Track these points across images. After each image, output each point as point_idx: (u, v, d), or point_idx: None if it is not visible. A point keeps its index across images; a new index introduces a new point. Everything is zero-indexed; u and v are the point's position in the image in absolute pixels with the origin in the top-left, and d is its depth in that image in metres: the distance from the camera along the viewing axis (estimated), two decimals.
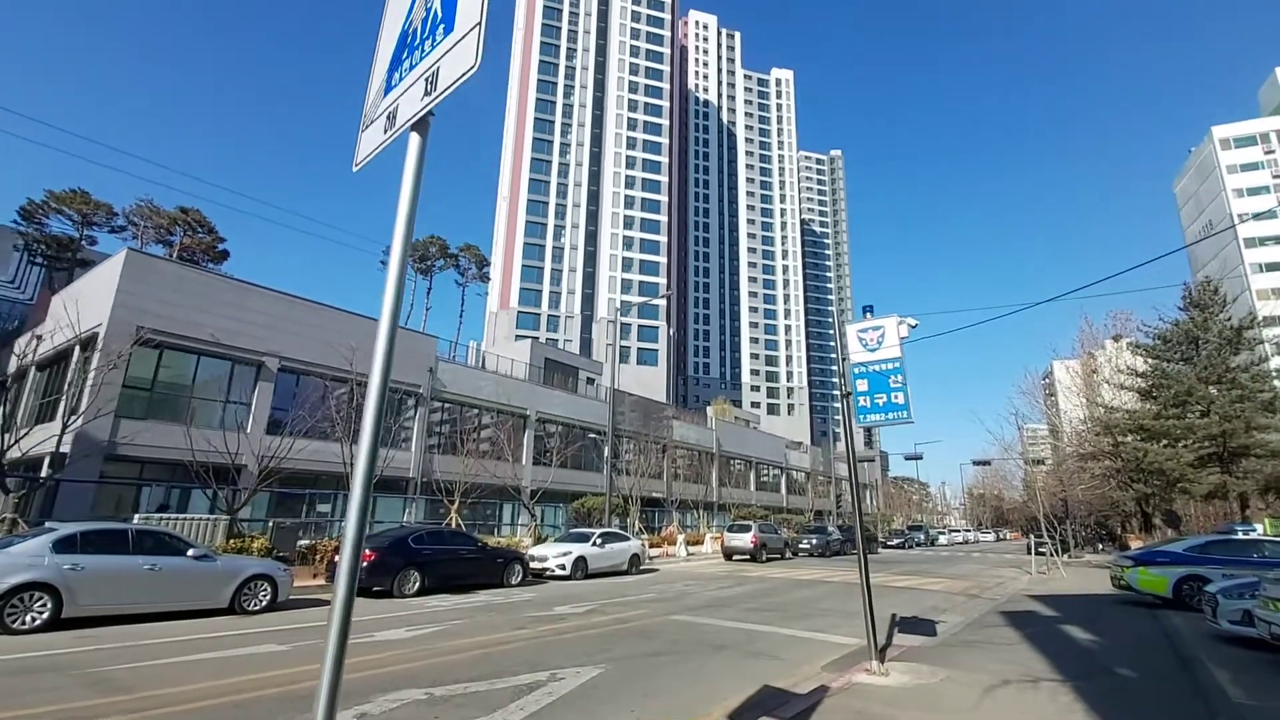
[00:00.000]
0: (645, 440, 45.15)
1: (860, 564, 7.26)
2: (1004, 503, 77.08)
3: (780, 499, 63.61)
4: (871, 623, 6.99)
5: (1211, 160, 66.06)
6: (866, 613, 7.08)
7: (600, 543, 19.20)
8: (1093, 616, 12.21)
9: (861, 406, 7.34)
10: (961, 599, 15.70)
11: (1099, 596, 15.66)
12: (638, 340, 78.03)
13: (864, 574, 7.18)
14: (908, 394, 7.07)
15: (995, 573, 24.27)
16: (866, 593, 7.22)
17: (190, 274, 26.70)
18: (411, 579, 13.53)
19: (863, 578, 7.20)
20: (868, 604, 7.19)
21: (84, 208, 49.29)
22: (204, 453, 17.93)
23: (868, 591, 7.26)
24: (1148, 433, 21.51)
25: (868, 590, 7.26)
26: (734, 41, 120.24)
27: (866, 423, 7.30)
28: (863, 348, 7.43)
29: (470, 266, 62.58)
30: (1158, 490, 22.35)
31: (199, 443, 17.84)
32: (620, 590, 15.63)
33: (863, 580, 7.20)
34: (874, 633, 6.89)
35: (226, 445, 18.04)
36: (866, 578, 7.22)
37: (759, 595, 15.22)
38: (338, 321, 28.65)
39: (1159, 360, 22.45)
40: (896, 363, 7.21)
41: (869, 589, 7.29)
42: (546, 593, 14.88)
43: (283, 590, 11.31)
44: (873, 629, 6.89)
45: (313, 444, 27.97)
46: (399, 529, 15.94)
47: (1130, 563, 13.19)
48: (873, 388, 7.30)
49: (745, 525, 27.73)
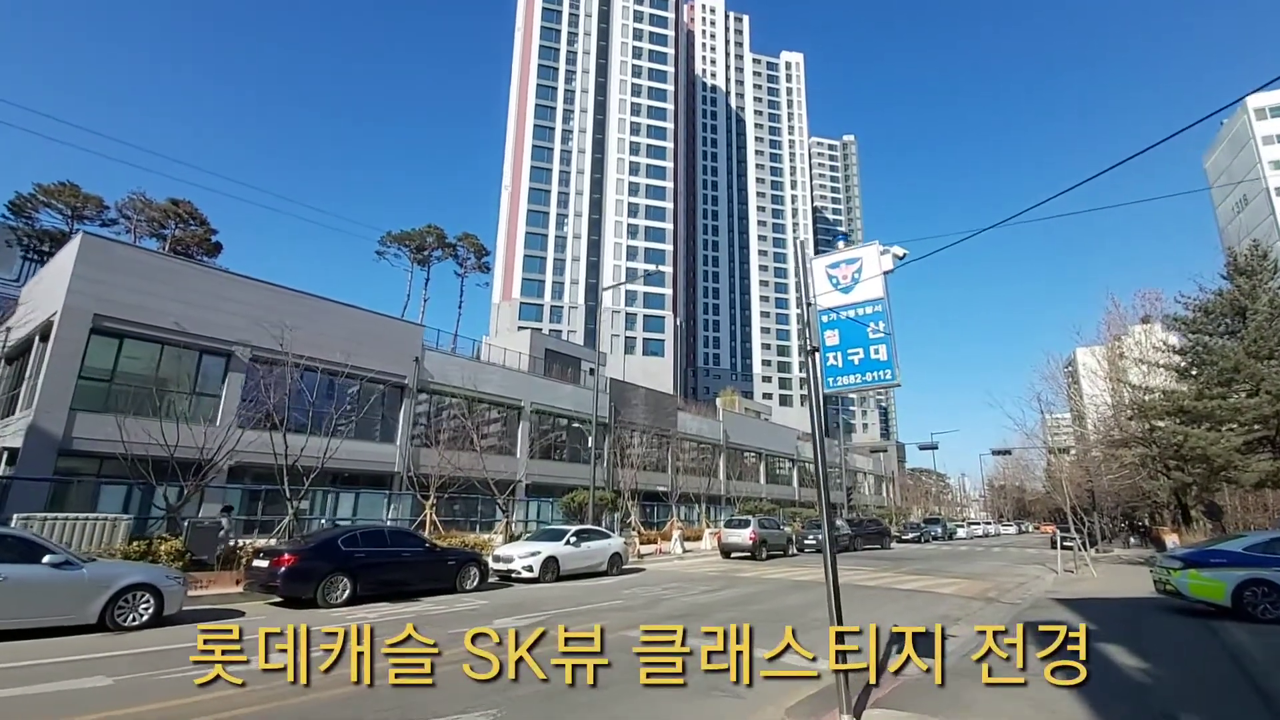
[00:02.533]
0: (646, 432, 43.46)
1: (826, 572, 5.40)
2: (1026, 494, 74.30)
3: (792, 492, 61.59)
4: (840, 657, 5.12)
5: (1245, 132, 62.48)
6: (832, 643, 5.20)
7: (575, 541, 17.44)
8: (1135, 630, 10.20)
9: (831, 366, 5.47)
10: (978, 604, 13.73)
11: (1138, 602, 13.58)
12: (644, 331, 76.13)
13: (831, 586, 5.32)
14: (892, 348, 5.19)
15: (1017, 571, 22.16)
16: (834, 610, 5.39)
17: (152, 259, 25.28)
18: (340, 586, 11.84)
19: (829, 590, 5.34)
20: (836, 622, 5.33)
21: (73, 201, 48.46)
22: (167, 447, 16.51)
23: (836, 608, 5.43)
24: (1188, 415, 19.27)
25: (836, 606, 5.43)
26: (742, 25, 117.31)
27: (838, 387, 5.44)
28: (833, 288, 5.56)
29: (469, 256, 61.09)
30: (1199, 479, 20.10)
31: (162, 436, 16.38)
32: (588, 596, 13.86)
33: (829, 593, 5.34)
34: (845, 682, 5.04)
35: (194, 439, 16.64)
36: (834, 590, 5.36)
37: (744, 601, 13.36)
38: (319, 310, 27.18)
39: (1199, 334, 20.16)
40: (878, 305, 5.33)
41: (837, 605, 5.45)
42: (501, 600, 13.14)
43: (171, 602, 9.65)
44: (844, 675, 5.03)
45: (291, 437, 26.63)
46: (329, 529, 14.28)
47: (1179, 564, 11.12)
48: (845, 340, 5.44)
49: (743, 520, 25.84)
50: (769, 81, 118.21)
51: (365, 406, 28.80)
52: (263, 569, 11.55)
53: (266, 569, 11.48)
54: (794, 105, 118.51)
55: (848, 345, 5.44)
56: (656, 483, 40.94)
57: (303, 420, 28.15)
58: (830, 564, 5.31)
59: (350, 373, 28.02)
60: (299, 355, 22.54)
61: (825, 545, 5.23)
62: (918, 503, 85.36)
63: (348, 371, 27.76)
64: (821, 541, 22.59)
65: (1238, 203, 63.31)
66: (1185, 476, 20.38)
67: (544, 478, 35.96)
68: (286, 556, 11.54)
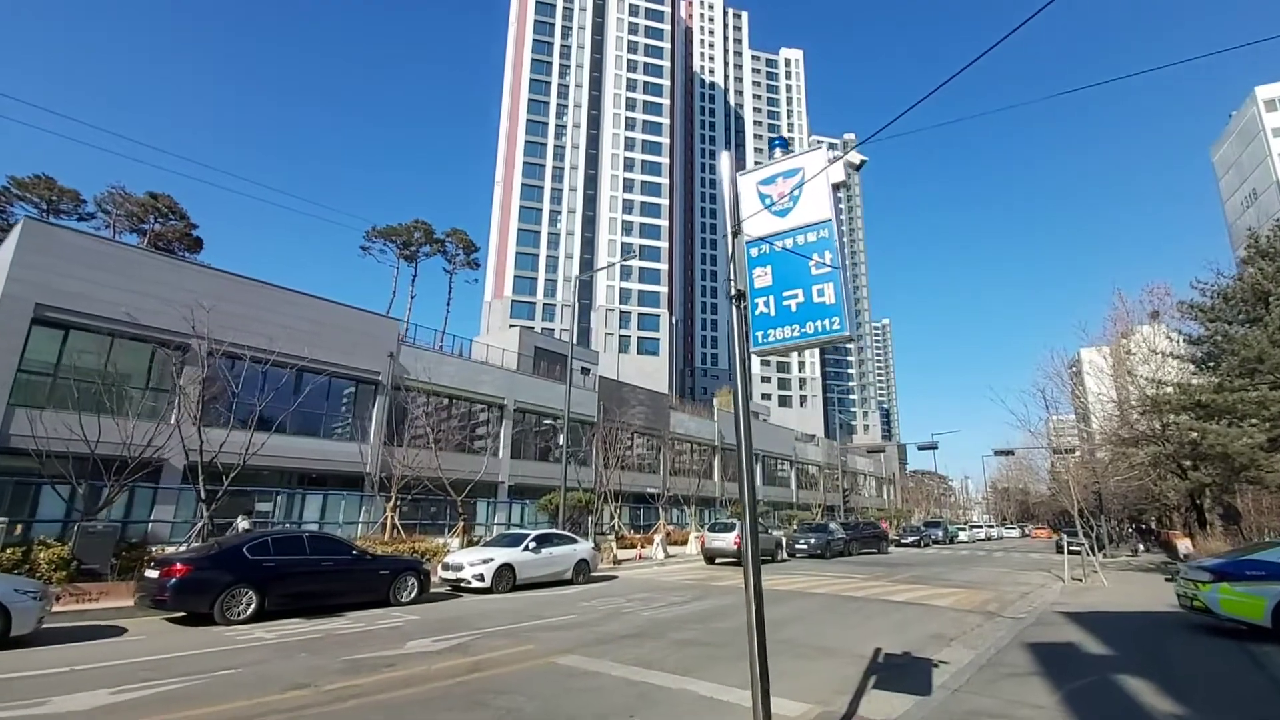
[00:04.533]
0: (636, 432, 41.91)
1: (749, 590, 3.89)
2: (1030, 497, 72.46)
3: (790, 494, 59.99)
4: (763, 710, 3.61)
5: (1255, 123, 60.69)
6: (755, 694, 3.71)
7: (535, 547, 15.91)
8: (1159, 655, 8.65)
9: (761, 316, 3.98)
10: (976, 619, 12.18)
11: (1157, 618, 12.01)
12: (638, 329, 74.62)
13: (753, 611, 3.82)
14: (842, 287, 3.70)
15: (1020, 579, 20.58)
16: (755, 650, 3.86)
17: (101, 246, 23.78)
18: (243, 600, 10.35)
19: (750, 617, 3.83)
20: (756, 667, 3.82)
21: (49, 194, 47.17)
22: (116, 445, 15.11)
23: (757, 645, 3.89)
24: (1205, 410, 17.66)
25: (758, 639, 3.90)
26: (741, 21, 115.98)
27: (770, 343, 3.95)
28: (766, 210, 4.07)
29: (458, 253, 59.59)
30: (1217, 479, 18.50)
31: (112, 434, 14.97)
32: (540, 609, 12.34)
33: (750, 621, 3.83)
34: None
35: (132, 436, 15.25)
36: (756, 615, 3.85)
37: (710, 616, 11.82)
38: (282, 300, 25.74)
39: (1218, 322, 18.56)
40: (823, 230, 3.84)
41: (758, 638, 3.92)
42: (435, 615, 11.62)
43: (21, 620, 8.19)
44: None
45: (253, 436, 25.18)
46: (239, 535, 12.78)
47: (1208, 576, 9.55)
48: (780, 279, 3.95)
49: (728, 524, 24.28)
50: (768, 79, 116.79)
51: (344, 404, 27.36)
52: (153, 580, 10.06)
53: (156, 580, 9.99)
54: (794, 103, 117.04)
55: (782, 286, 3.95)
56: (647, 484, 39.41)
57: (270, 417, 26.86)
58: (752, 576, 3.78)
59: (316, 367, 26.64)
60: (260, 349, 21.18)
61: (746, 553, 3.71)
62: (920, 505, 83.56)
63: (313, 366, 26.40)
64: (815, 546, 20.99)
65: (1247, 197, 61.52)
66: (1204, 477, 18.77)
67: (528, 479, 34.47)
68: (178, 566, 10.05)
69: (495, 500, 34.29)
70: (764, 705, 3.60)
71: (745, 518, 3.83)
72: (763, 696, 3.60)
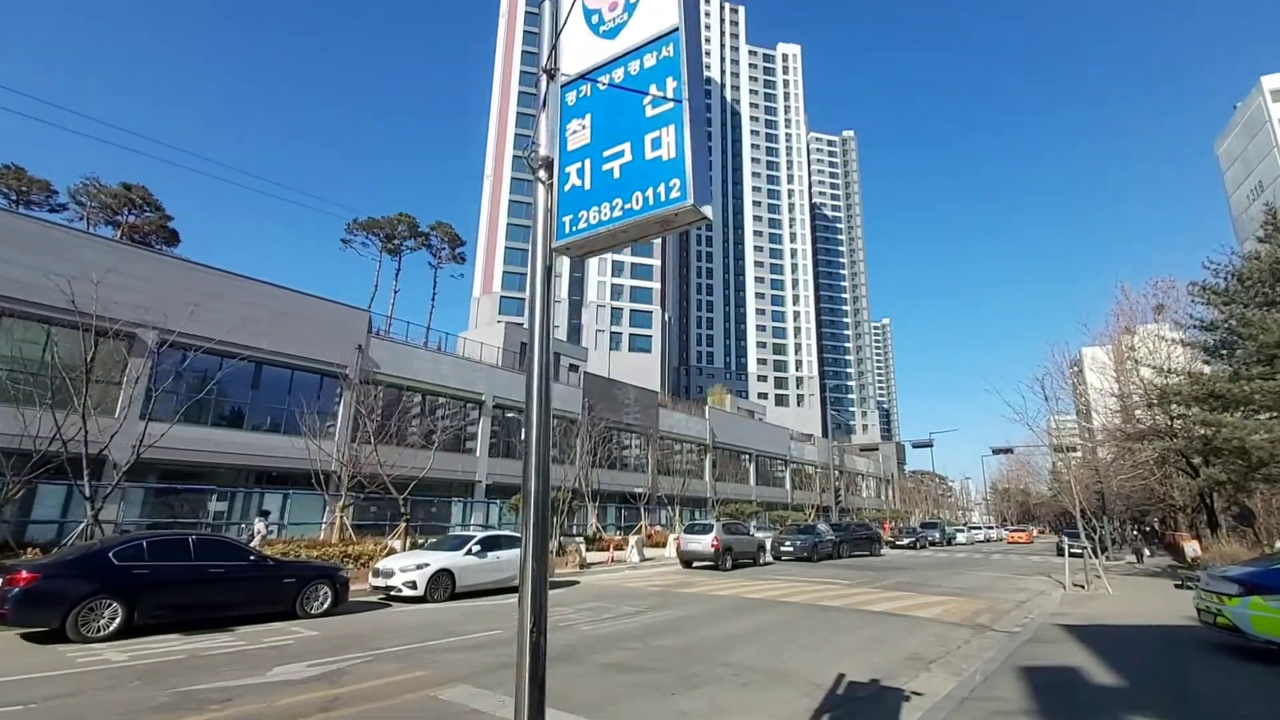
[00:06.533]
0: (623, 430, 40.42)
1: (524, 618, 2.36)
2: (1030, 498, 70.82)
3: (784, 494, 58.51)
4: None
5: (1261, 114, 59.06)
6: None
7: (479, 551, 14.40)
8: (1182, 687, 7.12)
9: (572, 192, 2.49)
10: (965, 633, 10.66)
11: (1172, 633, 10.48)
12: (630, 326, 73.08)
13: (526, 645, 2.28)
14: (686, 133, 2.21)
15: (1017, 584, 19.05)
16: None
17: (36, 228, 22.33)
18: (105, 613, 8.87)
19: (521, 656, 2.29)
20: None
21: (18, 184, 45.75)
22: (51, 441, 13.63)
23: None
24: (1220, 401, 16.14)
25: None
26: (737, 16, 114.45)
27: (578, 232, 2.45)
28: (591, 32, 2.59)
29: (443, 247, 58.14)
30: (1234, 476, 16.97)
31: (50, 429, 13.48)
32: (464, 623, 10.83)
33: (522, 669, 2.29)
34: None
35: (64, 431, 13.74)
36: (530, 653, 2.33)
37: (658, 632, 10.31)
38: (240, 289, 24.35)
39: (1233, 305, 16.99)
40: (667, 47, 2.31)
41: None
42: (341, 630, 10.12)
43: None
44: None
45: (205, 431, 23.78)
46: (108, 539, 11.29)
47: (1235, 589, 8.02)
48: (600, 133, 2.47)
49: (705, 525, 22.75)
50: (765, 74, 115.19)
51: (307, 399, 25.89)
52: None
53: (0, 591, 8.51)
54: (791, 98, 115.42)
55: (603, 143, 2.47)
56: (634, 483, 37.90)
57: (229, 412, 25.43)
58: (530, 598, 2.26)
59: (276, 359, 25.21)
60: (214, 339, 19.79)
61: (525, 562, 2.20)
62: (919, 506, 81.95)
63: (273, 358, 24.98)
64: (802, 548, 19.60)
65: (1253, 189, 59.88)
66: (1219, 474, 17.24)
67: (507, 478, 33.01)
68: (22, 574, 8.55)
69: (472, 500, 32.87)
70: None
71: (530, 503, 2.34)
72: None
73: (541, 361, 2.44)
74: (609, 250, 2.61)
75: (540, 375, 2.43)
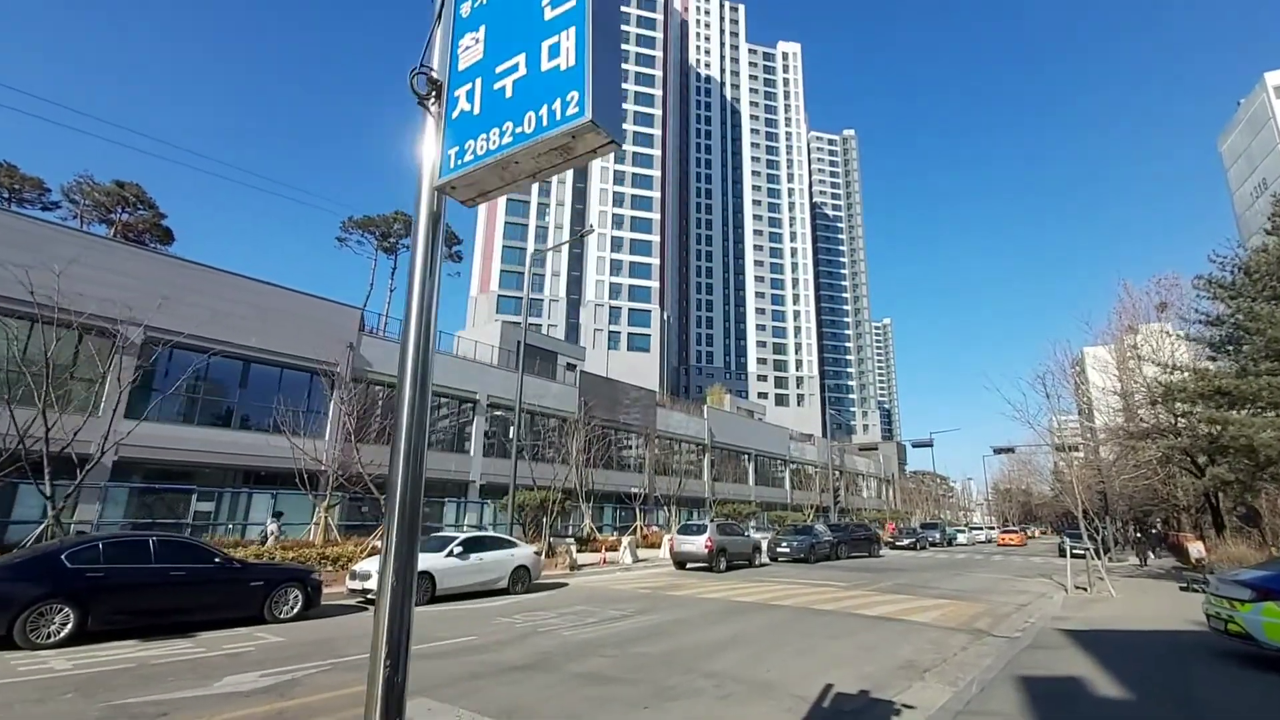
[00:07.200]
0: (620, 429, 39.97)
1: (379, 639, 1.88)
2: (1032, 498, 70.22)
3: (784, 494, 57.98)
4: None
5: (1265, 110, 58.47)
6: None
7: (461, 552, 13.96)
8: (1192, 699, 6.65)
9: (460, 119, 2.04)
10: (962, 639, 10.20)
11: (1179, 639, 10.01)
12: (628, 325, 72.59)
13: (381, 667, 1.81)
14: (587, 39, 1.76)
15: (1018, 586, 18.57)
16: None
17: (14, 222, 21.93)
18: (57, 618, 8.44)
19: None
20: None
21: (10, 181, 45.41)
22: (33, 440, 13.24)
23: None
24: (1227, 397, 15.65)
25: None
26: (737, 15, 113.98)
27: (465, 165, 1.99)
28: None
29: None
30: (1241, 475, 16.47)
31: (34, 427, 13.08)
32: (440, 629, 10.39)
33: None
34: None
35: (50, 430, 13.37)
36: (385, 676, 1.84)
37: (639, 638, 9.85)
38: (226, 285, 23.91)
39: (1240, 299, 16.47)
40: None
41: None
42: (306, 636, 9.68)
43: None
44: None
45: (192, 430, 23.40)
46: (62, 541, 10.85)
47: (1248, 593, 7.55)
48: (494, 46, 2.01)
49: (698, 526, 22.28)
50: (765, 73, 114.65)
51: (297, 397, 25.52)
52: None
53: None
54: (791, 97, 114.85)
55: (497, 56, 2.00)
56: (631, 483, 37.43)
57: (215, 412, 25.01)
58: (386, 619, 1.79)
59: (265, 357, 24.84)
60: (200, 336, 19.40)
61: (386, 573, 1.74)
62: (920, 506, 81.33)
63: (261, 356, 24.61)
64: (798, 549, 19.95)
65: (1257, 186, 59.28)
66: (1225, 473, 16.74)
67: (502, 477, 32.59)
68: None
69: (466, 500, 32.45)
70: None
71: (396, 498, 1.90)
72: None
73: (419, 326, 2.00)
74: (506, 190, 2.16)
75: (418, 342, 1.99)
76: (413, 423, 1.94)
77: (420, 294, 2.01)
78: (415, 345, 1.97)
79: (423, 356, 1.98)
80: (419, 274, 2.04)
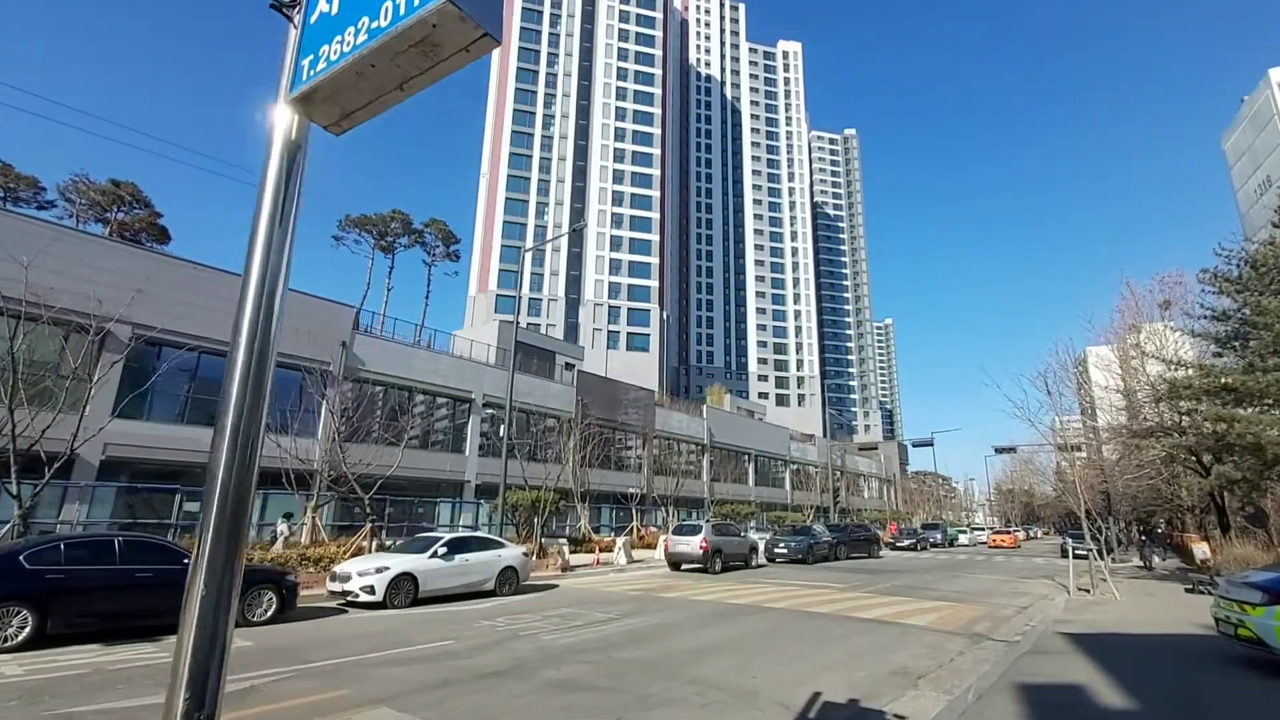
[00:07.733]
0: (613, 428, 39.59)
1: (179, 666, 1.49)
2: (1034, 498, 69.75)
3: (784, 495, 57.56)
4: None
5: (1269, 107, 57.95)
6: None
7: (445, 553, 13.60)
8: (1195, 706, 6.27)
9: (319, 21, 1.73)
10: (960, 643, 9.81)
11: (1186, 643, 9.62)
12: (627, 324, 72.21)
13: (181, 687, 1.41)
14: None
15: (1019, 588, 18.18)
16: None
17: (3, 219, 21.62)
18: (14, 621, 8.14)
19: None
20: None
21: (4, 180, 45.17)
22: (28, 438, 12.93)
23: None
24: (1233, 394, 15.25)
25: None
26: (738, 14, 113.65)
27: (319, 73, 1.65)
28: None
29: (438, 244, 57.37)
30: (1248, 474, 16.06)
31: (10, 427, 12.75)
32: (417, 633, 10.03)
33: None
34: None
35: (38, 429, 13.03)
36: None
37: (624, 642, 9.48)
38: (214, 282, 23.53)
39: (1247, 293, 16.06)
40: None
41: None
42: (278, 640, 9.33)
43: None
44: None
45: (180, 429, 23.07)
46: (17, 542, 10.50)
47: (1260, 597, 7.16)
48: None
49: (693, 526, 21.90)
50: (766, 72, 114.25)
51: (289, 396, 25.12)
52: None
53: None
54: (792, 96, 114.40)
55: None
56: (628, 483, 37.07)
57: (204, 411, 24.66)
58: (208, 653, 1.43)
59: None
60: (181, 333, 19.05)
61: (192, 586, 1.38)
62: (921, 507, 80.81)
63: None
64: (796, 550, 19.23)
65: (1261, 184, 58.76)
66: (1233, 472, 16.33)
67: (498, 477, 32.26)
68: None
69: (461, 500, 32.12)
70: None
71: (215, 491, 1.54)
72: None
73: (260, 284, 1.64)
74: (374, 109, 1.82)
75: (256, 303, 1.64)
76: (243, 399, 1.60)
77: (264, 245, 1.67)
78: (254, 306, 1.62)
79: (262, 321, 1.63)
80: (265, 220, 1.70)
